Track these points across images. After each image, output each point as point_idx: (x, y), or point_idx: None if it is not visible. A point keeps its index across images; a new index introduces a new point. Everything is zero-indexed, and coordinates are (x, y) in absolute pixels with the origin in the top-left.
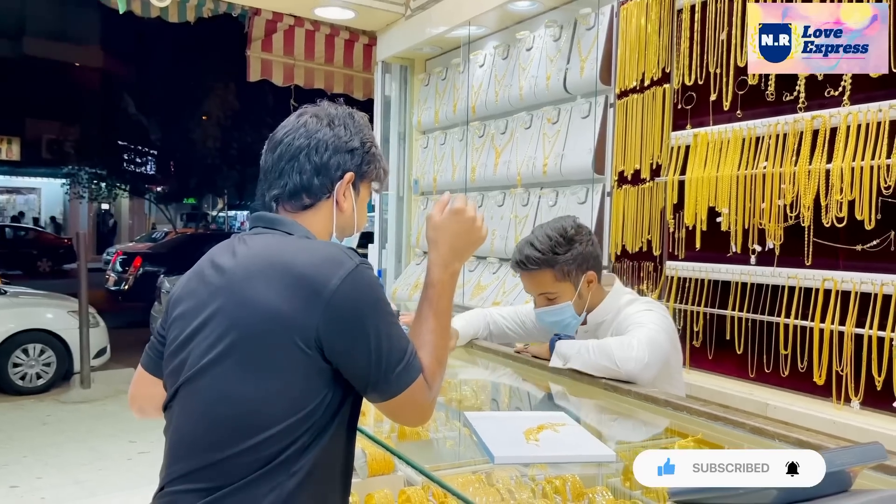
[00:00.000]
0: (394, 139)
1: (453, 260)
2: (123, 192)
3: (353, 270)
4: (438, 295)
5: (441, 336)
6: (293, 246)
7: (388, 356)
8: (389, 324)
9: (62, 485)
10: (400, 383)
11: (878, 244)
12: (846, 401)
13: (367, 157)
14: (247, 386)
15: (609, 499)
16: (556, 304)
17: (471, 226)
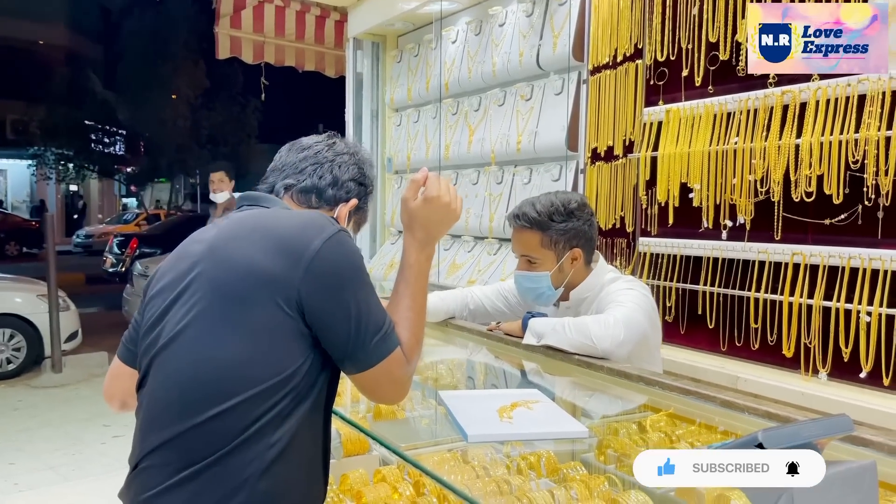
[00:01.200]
0: (366, 117)
1: (428, 242)
2: (92, 172)
3: (335, 234)
4: (415, 276)
5: (419, 314)
6: (276, 213)
7: (367, 324)
8: (368, 293)
9: (35, 470)
10: (377, 353)
11: (846, 218)
12: (814, 372)
13: (367, 199)
14: (224, 347)
15: (583, 474)
16: (535, 270)
17: (445, 211)
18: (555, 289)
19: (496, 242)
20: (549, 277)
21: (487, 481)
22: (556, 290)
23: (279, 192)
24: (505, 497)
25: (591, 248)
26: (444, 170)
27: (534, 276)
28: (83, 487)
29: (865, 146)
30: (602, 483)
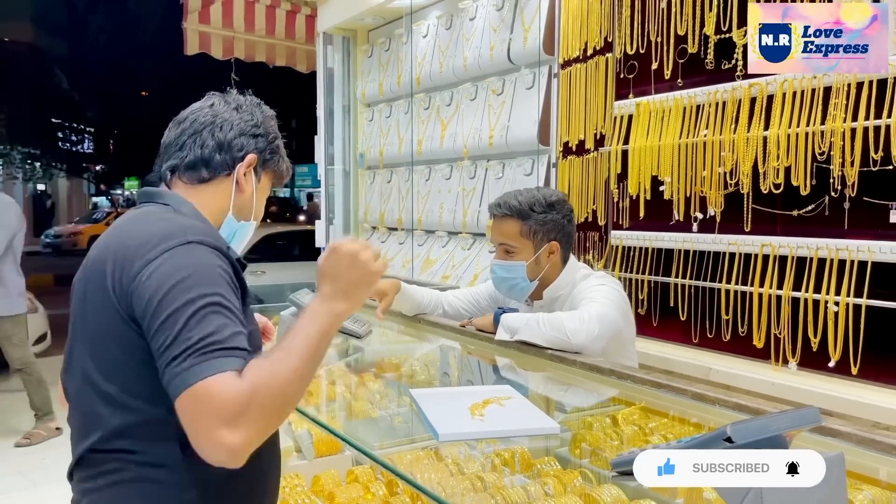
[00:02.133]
0: (338, 112)
1: (333, 296)
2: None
3: (177, 246)
4: (307, 325)
5: (289, 372)
6: (141, 220)
7: (186, 339)
8: (203, 308)
9: (5, 475)
10: (188, 375)
11: (814, 209)
12: (784, 363)
13: (271, 147)
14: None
15: (557, 469)
16: (512, 259)
17: (352, 260)
18: (529, 281)
19: (470, 237)
20: (524, 268)
21: (461, 479)
22: (530, 282)
23: (166, 177)
24: (479, 494)
25: (568, 245)
26: (416, 165)
27: (510, 265)
28: (54, 492)
29: (831, 138)
30: (576, 478)
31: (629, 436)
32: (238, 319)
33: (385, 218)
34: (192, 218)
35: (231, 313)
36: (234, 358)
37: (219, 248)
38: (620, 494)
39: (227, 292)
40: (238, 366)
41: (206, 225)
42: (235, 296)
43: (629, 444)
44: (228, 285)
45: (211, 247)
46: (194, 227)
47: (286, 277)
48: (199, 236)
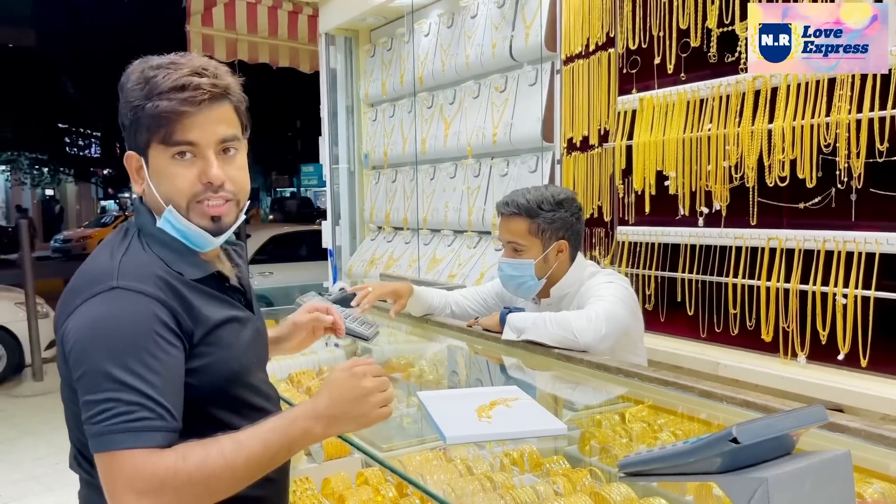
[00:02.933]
0: (342, 112)
1: (322, 419)
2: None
3: (100, 293)
4: (276, 429)
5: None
6: (94, 254)
7: (101, 402)
8: (122, 365)
9: (18, 481)
10: (103, 441)
11: (820, 202)
12: (793, 356)
13: (134, 125)
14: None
15: (566, 468)
16: (520, 258)
17: (361, 392)
18: (537, 279)
19: (476, 236)
20: (532, 266)
21: (470, 479)
22: (538, 280)
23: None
24: (488, 494)
25: (576, 243)
26: (421, 164)
27: (518, 263)
28: (67, 497)
29: (837, 129)
30: (585, 476)
31: (638, 433)
32: (165, 378)
33: (390, 217)
34: (150, 245)
35: (150, 372)
36: (152, 432)
37: (154, 286)
38: (630, 492)
39: (149, 348)
40: (156, 440)
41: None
42: (168, 340)
43: (638, 441)
44: (153, 335)
45: (138, 291)
46: (130, 264)
47: (294, 279)
48: (128, 280)
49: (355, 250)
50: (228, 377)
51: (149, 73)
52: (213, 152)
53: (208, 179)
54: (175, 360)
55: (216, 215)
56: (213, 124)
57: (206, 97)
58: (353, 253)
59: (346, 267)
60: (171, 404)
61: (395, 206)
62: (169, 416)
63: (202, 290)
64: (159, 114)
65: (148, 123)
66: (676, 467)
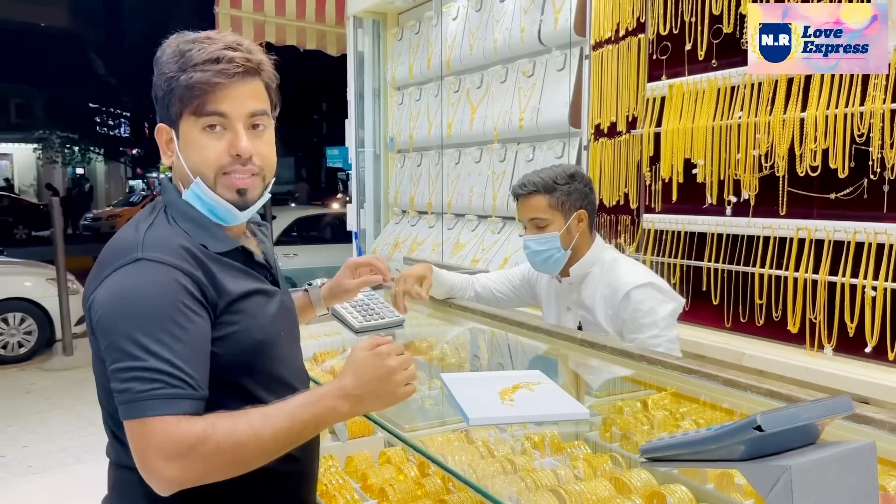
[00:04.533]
0: (368, 95)
1: (350, 394)
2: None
3: (126, 265)
4: (306, 405)
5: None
6: (122, 229)
7: (129, 370)
8: (149, 333)
9: (49, 452)
10: (133, 408)
11: (851, 192)
12: (819, 348)
13: (168, 96)
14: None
15: (587, 453)
16: (544, 232)
17: (386, 375)
18: (563, 250)
19: (500, 221)
20: (558, 238)
21: (492, 461)
22: (564, 252)
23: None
24: (509, 476)
25: (593, 213)
26: (446, 148)
27: (543, 238)
28: (97, 469)
29: (871, 119)
30: (606, 461)
31: (660, 420)
32: (192, 347)
33: (415, 201)
34: (177, 219)
35: (177, 341)
36: (181, 400)
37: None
38: (651, 478)
39: (177, 318)
40: (184, 408)
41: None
42: (193, 310)
43: (660, 428)
44: (178, 304)
45: (161, 262)
46: (155, 237)
47: (319, 260)
48: (153, 251)
49: (380, 233)
50: (253, 347)
51: (184, 47)
52: (243, 125)
53: (237, 151)
54: (201, 330)
55: (242, 188)
56: (243, 98)
57: (239, 70)
58: (378, 236)
59: (371, 250)
60: (198, 373)
61: (420, 189)
62: (196, 384)
63: (226, 262)
64: (193, 84)
65: (181, 94)
66: (699, 454)
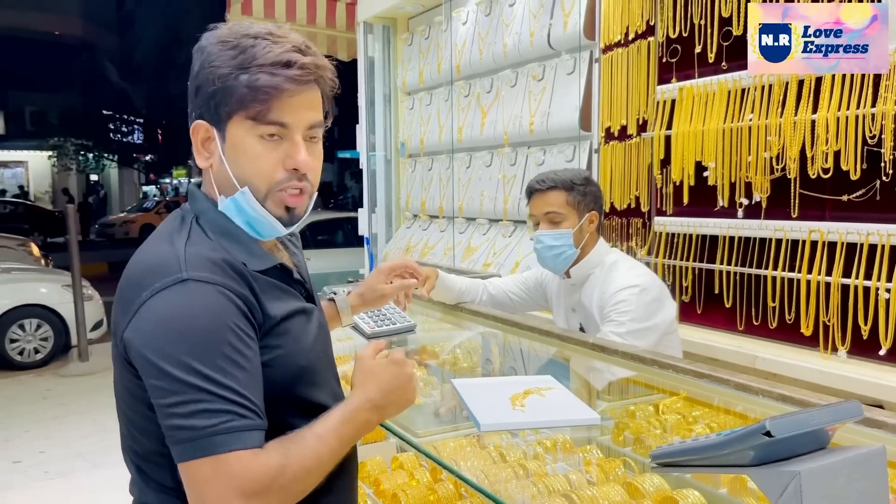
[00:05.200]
0: (379, 100)
1: (378, 407)
2: (111, 162)
3: (170, 286)
4: (348, 422)
5: (330, 447)
6: (154, 237)
7: (178, 404)
8: (209, 362)
9: (65, 458)
10: (202, 444)
11: (864, 194)
12: (833, 351)
13: (218, 92)
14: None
15: (599, 457)
16: (559, 228)
17: (406, 383)
18: (575, 248)
19: (511, 225)
20: (571, 235)
21: (504, 466)
22: (575, 249)
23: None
24: (521, 481)
25: (602, 216)
26: (457, 152)
27: (558, 233)
28: (112, 474)
29: (882, 121)
30: (618, 466)
31: (672, 424)
32: (250, 374)
33: (426, 206)
34: (209, 232)
35: (237, 368)
36: (251, 432)
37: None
38: (663, 483)
39: (234, 342)
40: (257, 440)
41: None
42: (247, 332)
43: (672, 433)
44: (233, 327)
45: (209, 282)
46: (195, 253)
47: (331, 265)
48: (198, 270)
49: (391, 238)
50: (296, 373)
51: (245, 42)
52: (301, 137)
53: (295, 165)
54: (255, 354)
55: (293, 206)
56: (305, 108)
57: (311, 78)
58: (389, 240)
59: (382, 254)
60: (260, 401)
61: (431, 194)
62: (262, 413)
63: (265, 280)
64: (259, 87)
65: (241, 95)
66: (708, 459)
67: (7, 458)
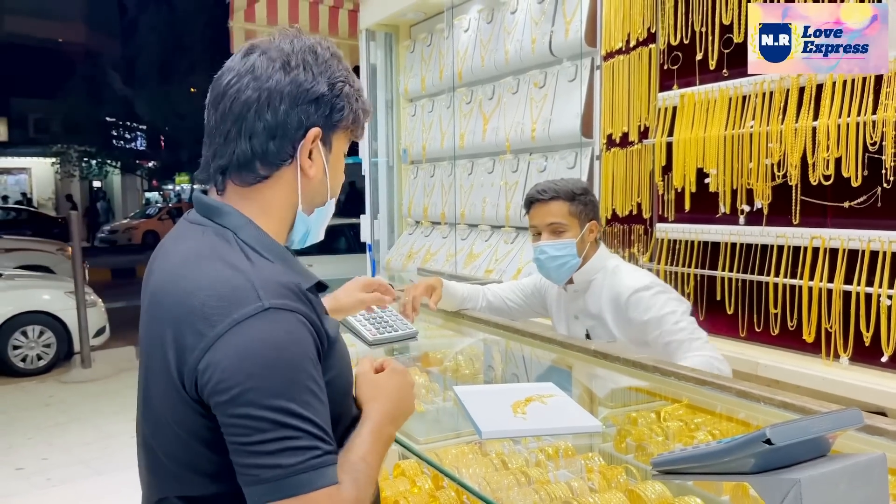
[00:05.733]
0: (381, 107)
1: (394, 418)
2: (114, 169)
3: (252, 316)
4: (375, 439)
5: (374, 468)
6: (202, 257)
7: (263, 442)
8: (294, 397)
9: (68, 465)
10: (266, 490)
11: (865, 201)
12: (835, 357)
13: (338, 102)
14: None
15: (601, 464)
16: (562, 238)
17: (410, 391)
18: (578, 258)
19: (513, 231)
20: (574, 245)
21: (505, 473)
22: (578, 259)
23: (218, 181)
24: (523, 489)
25: (600, 226)
26: (459, 159)
27: (561, 243)
28: (115, 480)
29: (883, 127)
30: (620, 473)
31: (674, 432)
32: (325, 404)
33: (428, 212)
34: (259, 250)
35: (318, 400)
36: (332, 466)
37: (297, 300)
38: (665, 491)
39: (314, 374)
40: (335, 475)
41: (275, 255)
42: (317, 360)
43: (675, 440)
44: (311, 357)
45: (290, 309)
46: (266, 278)
47: (333, 271)
48: (276, 297)
49: (393, 244)
50: (347, 392)
51: (346, 65)
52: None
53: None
54: (323, 380)
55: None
56: None
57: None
58: (392, 247)
59: (384, 261)
60: (330, 429)
61: (433, 200)
62: (334, 441)
63: (316, 299)
64: (367, 110)
65: (356, 115)
66: (709, 467)
67: (9, 464)
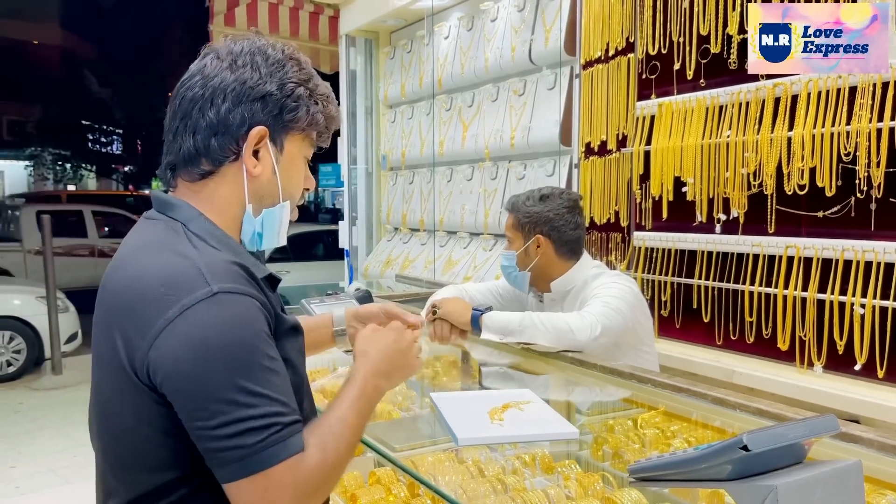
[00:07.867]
0: (360, 113)
1: (383, 374)
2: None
3: (201, 300)
4: (359, 395)
5: (349, 435)
6: (151, 247)
7: (237, 422)
8: (250, 376)
9: (36, 473)
10: (256, 460)
11: (839, 210)
12: (809, 365)
13: (289, 103)
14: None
15: (577, 472)
16: (509, 249)
17: (407, 347)
18: (520, 270)
19: (492, 238)
20: (515, 257)
21: (482, 481)
22: (522, 272)
23: (168, 177)
24: (499, 497)
25: (558, 239)
26: (438, 166)
27: (506, 254)
28: (84, 489)
29: (857, 138)
30: (597, 481)
31: (650, 439)
32: (283, 377)
33: (407, 219)
34: (207, 239)
35: (275, 374)
36: (296, 435)
37: (246, 283)
38: (641, 498)
39: (268, 351)
40: (299, 444)
41: (223, 246)
42: (271, 337)
43: (651, 447)
44: (265, 337)
45: (239, 292)
46: (211, 262)
47: (311, 278)
48: (224, 281)
49: (371, 251)
50: (298, 385)
51: (307, 69)
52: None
53: (308, 186)
54: (279, 356)
55: (292, 220)
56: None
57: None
58: (370, 253)
59: (363, 267)
60: (291, 398)
61: (412, 207)
62: (296, 409)
63: (266, 287)
64: (332, 118)
65: (314, 119)
66: (686, 474)
67: None
